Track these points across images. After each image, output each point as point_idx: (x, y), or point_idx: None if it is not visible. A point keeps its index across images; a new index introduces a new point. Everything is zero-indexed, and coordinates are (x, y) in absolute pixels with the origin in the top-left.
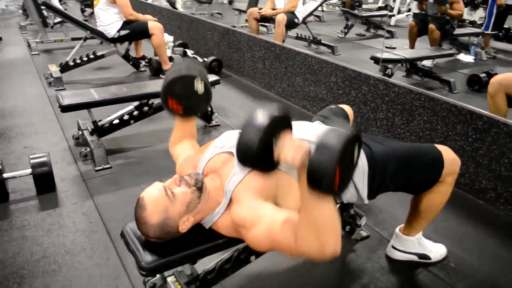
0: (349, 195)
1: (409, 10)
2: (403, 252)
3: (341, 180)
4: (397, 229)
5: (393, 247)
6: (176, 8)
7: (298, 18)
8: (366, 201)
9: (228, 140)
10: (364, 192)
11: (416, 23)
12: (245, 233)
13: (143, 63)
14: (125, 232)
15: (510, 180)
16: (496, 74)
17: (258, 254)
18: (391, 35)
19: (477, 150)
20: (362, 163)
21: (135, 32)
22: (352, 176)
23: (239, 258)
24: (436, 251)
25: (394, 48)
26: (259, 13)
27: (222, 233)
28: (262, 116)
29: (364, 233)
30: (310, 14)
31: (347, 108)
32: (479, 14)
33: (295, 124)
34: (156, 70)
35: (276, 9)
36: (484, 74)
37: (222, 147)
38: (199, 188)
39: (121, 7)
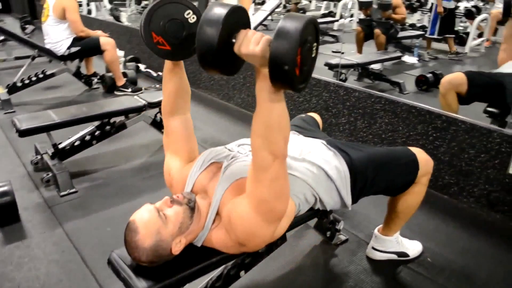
0: (332, 203)
1: (351, 16)
2: (383, 252)
3: (302, 69)
4: (375, 230)
5: (373, 248)
6: (121, 22)
7: (249, 28)
8: (350, 207)
9: (213, 153)
10: (348, 199)
11: (362, 29)
12: (234, 221)
13: (96, 80)
14: (113, 259)
15: (470, 174)
16: (441, 73)
17: (247, 268)
18: (336, 39)
19: (438, 148)
20: (343, 170)
21: (86, 48)
22: (311, 72)
23: (229, 274)
24: (413, 248)
25: (342, 52)
26: None
27: (216, 248)
28: (220, 9)
29: (343, 237)
30: (260, 23)
31: (315, 116)
32: (416, 17)
33: None
34: (110, 87)
35: None
36: (431, 74)
37: (209, 160)
38: (192, 208)
39: (71, 23)
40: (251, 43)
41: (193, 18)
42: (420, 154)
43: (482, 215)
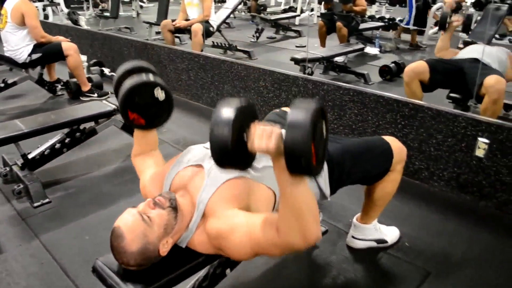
0: None
1: (311, 10)
2: (362, 240)
3: (317, 156)
4: (354, 219)
5: (353, 237)
6: (79, 26)
7: (212, 27)
8: (329, 198)
9: (193, 154)
10: (327, 190)
11: (324, 23)
12: (224, 243)
13: (60, 86)
14: (98, 266)
15: (439, 158)
16: (403, 63)
17: (233, 266)
18: (299, 34)
19: (407, 135)
20: None
21: (48, 54)
22: (325, 152)
23: (215, 273)
24: (391, 234)
25: (304, 46)
26: (173, 25)
27: (198, 251)
28: (227, 111)
29: (322, 228)
30: (223, 21)
31: (289, 110)
32: (374, 9)
33: None
34: (75, 93)
35: (189, 19)
36: (393, 64)
37: (187, 161)
38: (174, 207)
39: (31, 29)
40: (264, 140)
41: (162, 95)
42: (394, 142)
43: (453, 197)
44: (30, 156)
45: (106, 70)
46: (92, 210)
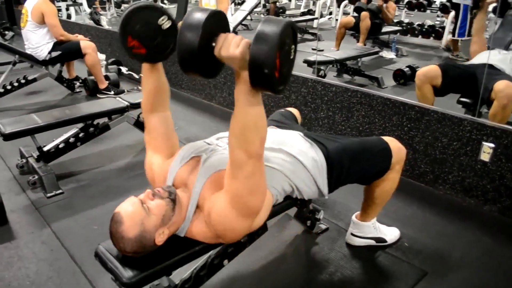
0: (310, 192)
1: (330, 14)
2: (361, 238)
3: (281, 72)
4: (353, 217)
5: (352, 234)
6: (101, 25)
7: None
8: (327, 196)
9: (194, 147)
10: (325, 188)
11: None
12: (214, 217)
13: (78, 84)
14: (100, 251)
15: (444, 161)
16: (417, 67)
17: (231, 257)
18: (316, 37)
19: (413, 138)
20: (320, 160)
21: (67, 52)
22: (290, 73)
23: (213, 263)
24: (391, 233)
25: (322, 50)
26: None
27: (196, 239)
28: (198, 16)
29: (323, 226)
30: (240, 23)
31: (294, 110)
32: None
33: None
34: (93, 90)
35: None
36: (407, 68)
37: (189, 155)
38: (173, 199)
39: (51, 27)
40: (231, 46)
41: (168, 23)
42: (392, 142)
43: (457, 201)
44: (45, 149)
45: (124, 69)
46: (102, 202)
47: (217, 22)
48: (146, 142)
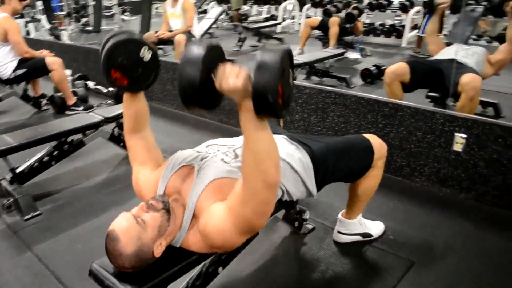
0: (299, 193)
1: (293, 18)
2: (348, 235)
3: (283, 98)
4: (339, 215)
5: (339, 232)
6: (62, 41)
7: (195, 37)
8: (316, 196)
9: (184, 156)
10: (313, 188)
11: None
12: (211, 232)
13: (45, 101)
14: (94, 269)
15: (420, 154)
16: (383, 66)
17: (225, 265)
18: (281, 41)
19: (388, 133)
20: (306, 161)
21: (33, 69)
22: (291, 98)
23: (208, 272)
24: (376, 228)
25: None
26: (157, 36)
27: (193, 250)
28: (197, 50)
29: (310, 226)
30: (206, 31)
31: None
32: None
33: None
34: (61, 107)
35: (172, 31)
36: (374, 67)
37: (180, 163)
38: (167, 210)
39: (15, 44)
40: (231, 78)
41: (149, 55)
42: (374, 139)
43: (434, 191)
44: (18, 170)
45: (91, 84)
46: (83, 220)
47: (215, 55)
48: (131, 160)
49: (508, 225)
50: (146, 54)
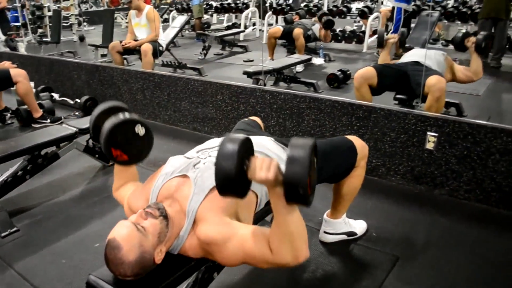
0: None
1: (254, 25)
2: (334, 235)
3: (311, 187)
4: (324, 215)
5: (325, 232)
6: (19, 52)
7: (162, 46)
8: None
9: (176, 165)
10: None
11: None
12: (217, 250)
13: (9, 115)
14: (92, 281)
15: (394, 154)
16: (348, 70)
17: (219, 270)
18: (245, 49)
19: (363, 135)
20: None
21: None
22: (316, 181)
23: (204, 277)
24: (359, 226)
25: (252, 60)
26: (122, 45)
27: (190, 256)
28: (232, 145)
29: None
30: (172, 40)
31: (256, 118)
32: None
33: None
34: (26, 120)
35: (137, 40)
36: (339, 72)
37: (172, 173)
38: (165, 216)
39: None
40: (263, 170)
41: (143, 130)
42: (356, 140)
43: (410, 189)
44: None
45: (56, 96)
46: (64, 234)
47: (246, 148)
48: (119, 197)
49: (480, 217)
50: (140, 130)
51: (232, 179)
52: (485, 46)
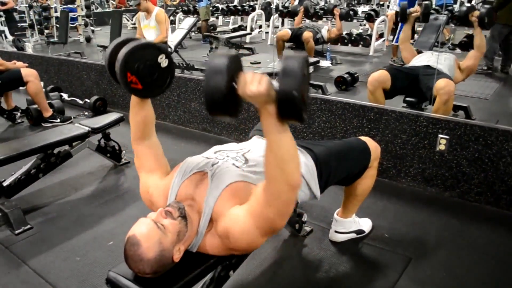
0: (303, 195)
1: (260, 27)
2: (344, 233)
3: (305, 102)
4: (335, 215)
5: (335, 231)
6: (26, 52)
7: (170, 47)
8: (319, 198)
9: (194, 163)
10: (317, 190)
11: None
12: (233, 236)
13: (19, 114)
14: (112, 277)
15: (405, 156)
16: (356, 73)
17: (235, 268)
18: (251, 51)
19: (374, 137)
20: (310, 164)
21: (8, 81)
22: (309, 98)
23: (220, 276)
24: (366, 224)
25: (259, 63)
26: None
27: (210, 253)
28: (220, 61)
29: (308, 228)
30: (180, 42)
31: None
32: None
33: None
34: (37, 119)
35: None
36: (347, 75)
37: (191, 170)
38: (184, 216)
39: None
40: (254, 84)
41: (166, 62)
42: (369, 142)
43: (420, 191)
44: (5, 184)
45: (65, 95)
46: (77, 232)
47: (235, 64)
48: (138, 167)
49: (491, 219)
50: (163, 61)
51: (222, 96)
52: (488, 20)
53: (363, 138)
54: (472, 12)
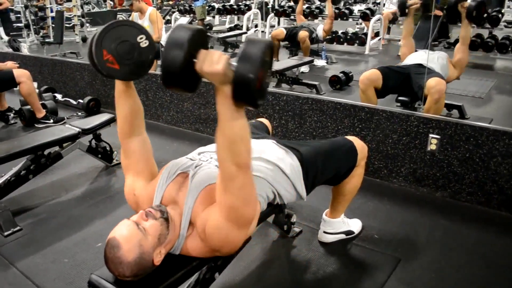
0: (289, 196)
1: (256, 26)
2: (333, 234)
3: (262, 88)
4: (323, 215)
5: (324, 232)
6: (21, 53)
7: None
8: (305, 199)
9: (179, 164)
10: (303, 191)
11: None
12: (208, 232)
13: (12, 115)
14: (94, 280)
15: (396, 156)
16: (350, 72)
17: (221, 270)
18: None
19: (365, 137)
20: (296, 165)
21: (0, 82)
22: (267, 90)
23: (205, 278)
24: (355, 224)
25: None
26: None
27: (192, 255)
28: (182, 33)
29: (297, 229)
30: None
31: (265, 121)
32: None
33: None
34: (29, 120)
35: None
36: (342, 74)
37: (175, 172)
38: (166, 218)
39: None
40: (213, 62)
41: (145, 43)
42: (356, 141)
43: (411, 191)
44: None
45: (59, 96)
46: (66, 234)
47: (198, 39)
48: (124, 167)
49: (482, 219)
50: (143, 41)
51: (177, 69)
52: (476, 14)
53: (350, 137)
54: (462, 3)
